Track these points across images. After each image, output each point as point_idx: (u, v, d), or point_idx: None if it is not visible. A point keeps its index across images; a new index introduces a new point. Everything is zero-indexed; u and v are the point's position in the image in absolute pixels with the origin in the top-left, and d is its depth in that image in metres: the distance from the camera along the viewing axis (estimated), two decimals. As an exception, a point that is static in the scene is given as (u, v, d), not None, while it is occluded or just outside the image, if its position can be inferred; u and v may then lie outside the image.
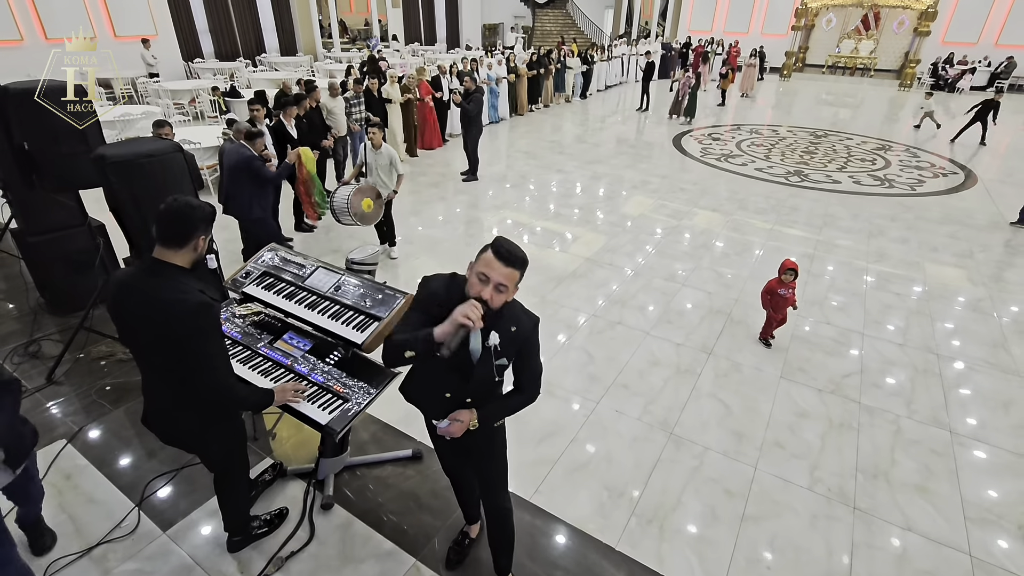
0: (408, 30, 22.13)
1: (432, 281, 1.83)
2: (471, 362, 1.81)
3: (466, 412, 1.89)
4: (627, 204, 7.52)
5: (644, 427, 3.47)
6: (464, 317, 1.59)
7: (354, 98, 7.70)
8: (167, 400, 2.05)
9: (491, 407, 1.95)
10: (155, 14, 13.69)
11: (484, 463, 2.18)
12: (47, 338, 4.19)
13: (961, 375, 4.10)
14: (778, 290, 4.15)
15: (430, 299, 1.78)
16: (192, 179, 3.52)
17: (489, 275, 1.64)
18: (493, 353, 1.76)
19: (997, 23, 18.59)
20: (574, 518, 2.81)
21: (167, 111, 10.52)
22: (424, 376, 1.98)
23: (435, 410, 1.97)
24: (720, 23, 23.21)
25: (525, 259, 1.69)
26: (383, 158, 5.24)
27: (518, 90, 12.48)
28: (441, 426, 1.90)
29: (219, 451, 2.25)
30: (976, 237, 6.67)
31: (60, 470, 3.00)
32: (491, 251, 1.65)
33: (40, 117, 3.51)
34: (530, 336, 1.87)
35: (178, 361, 1.89)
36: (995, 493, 3.07)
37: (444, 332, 1.65)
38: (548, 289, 5.13)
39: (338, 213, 4.72)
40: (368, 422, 3.40)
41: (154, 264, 1.87)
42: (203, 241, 1.93)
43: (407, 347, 1.69)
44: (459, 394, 1.90)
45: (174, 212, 1.85)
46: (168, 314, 1.81)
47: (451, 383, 1.88)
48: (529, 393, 2.00)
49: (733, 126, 12.62)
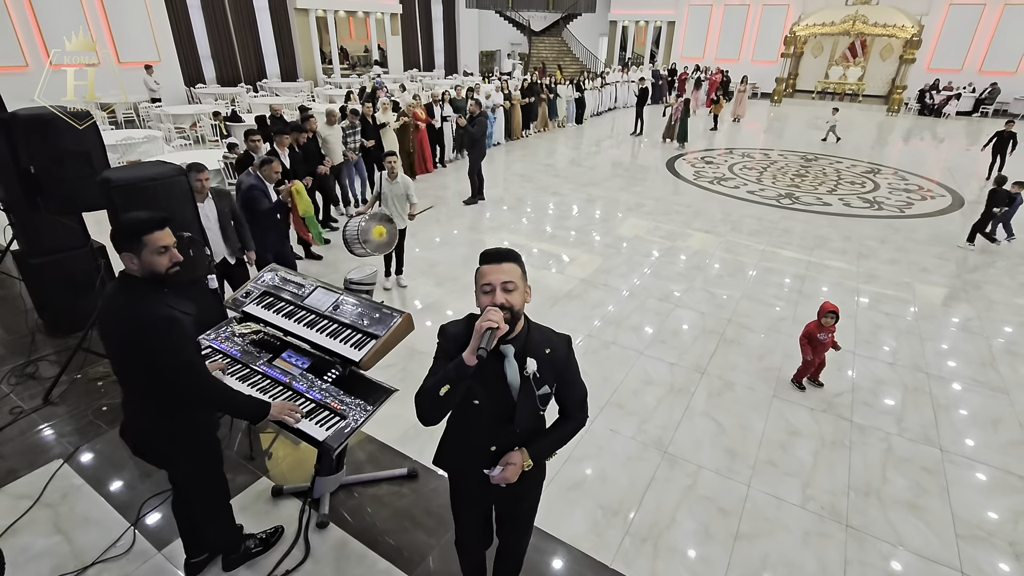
0: (407, 57, 22.59)
1: (449, 327, 1.74)
2: (512, 400, 1.70)
3: (516, 453, 1.75)
4: (622, 226, 7.64)
5: (638, 446, 3.50)
6: (487, 321, 1.51)
7: (349, 127, 7.67)
8: (138, 413, 2.09)
9: (542, 442, 1.82)
10: (159, 40, 14.01)
11: (520, 519, 2.05)
12: (44, 359, 4.21)
13: (951, 393, 4.15)
14: (818, 334, 3.96)
15: (452, 344, 1.68)
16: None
17: (491, 282, 1.59)
18: (534, 382, 1.66)
19: (980, 51, 19.13)
20: (569, 536, 2.82)
21: (168, 135, 10.69)
22: (462, 433, 1.84)
23: (478, 472, 1.79)
24: (712, 51, 23.80)
25: (514, 251, 1.65)
26: (399, 188, 5.18)
27: (512, 116, 12.73)
28: (495, 474, 1.74)
29: (188, 466, 2.21)
30: (964, 258, 6.78)
31: (56, 490, 3.00)
32: (480, 265, 1.63)
33: (47, 141, 3.60)
34: (568, 355, 1.78)
35: (148, 374, 1.91)
36: (986, 510, 3.10)
37: (471, 349, 1.55)
38: (544, 309, 5.19)
39: (350, 243, 4.46)
40: (365, 441, 3.42)
41: (122, 278, 1.92)
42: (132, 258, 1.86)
43: (440, 384, 1.58)
44: (506, 441, 1.77)
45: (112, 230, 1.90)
46: (134, 328, 1.84)
47: (495, 432, 1.75)
48: (579, 419, 1.89)
49: (726, 150, 12.87)
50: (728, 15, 23.15)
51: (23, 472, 3.13)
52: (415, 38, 23.03)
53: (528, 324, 1.72)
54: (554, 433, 1.87)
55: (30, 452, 3.29)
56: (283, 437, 3.46)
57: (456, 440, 1.87)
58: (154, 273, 1.88)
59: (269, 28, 17.59)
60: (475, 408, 1.68)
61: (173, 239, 1.93)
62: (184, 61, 15.09)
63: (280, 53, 18.09)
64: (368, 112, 8.12)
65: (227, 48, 16.51)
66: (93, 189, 3.34)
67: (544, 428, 1.87)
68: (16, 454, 3.27)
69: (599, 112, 17.32)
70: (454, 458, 1.90)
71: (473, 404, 1.69)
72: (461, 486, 1.99)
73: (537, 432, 1.83)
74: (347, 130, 7.63)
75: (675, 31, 24.61)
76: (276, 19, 17.64)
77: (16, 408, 3.67)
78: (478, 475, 1.80)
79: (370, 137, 8.06)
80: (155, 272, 1.88)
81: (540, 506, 2.09)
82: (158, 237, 1.87)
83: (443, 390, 1.57)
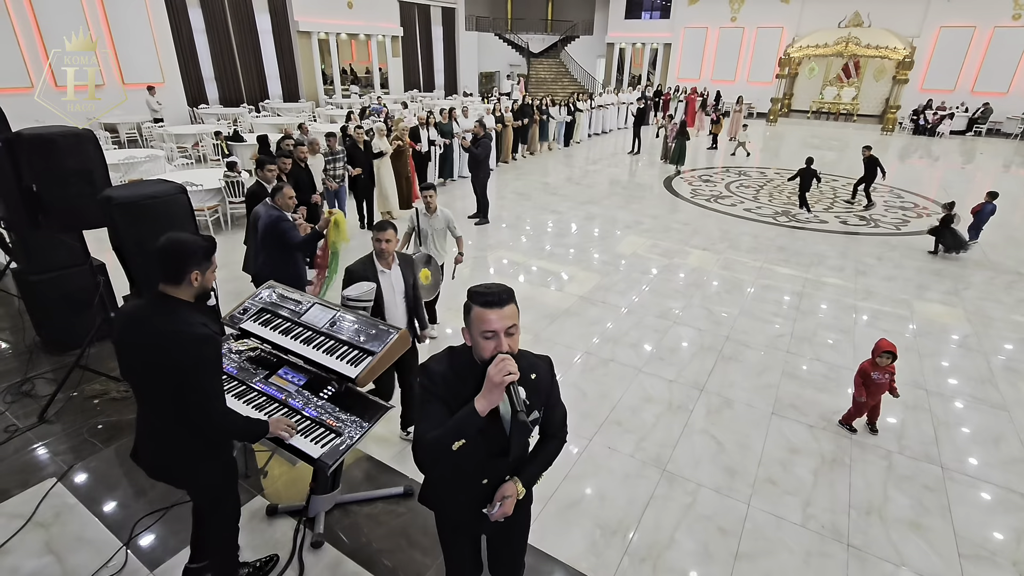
0: (407, 78, 22.93)
1: (432, 366, 1.64)
2: (505, 432, 1.67)
3: (510, 485, 1.73)
4: (620, 243, 7.68)
5: (637, 464, 3.48)
6: (505, 375, 1.45)
7: (330, 155, 7.21)
8: (159, 433, 2.08)
9: (531, 469, 1.80)
10: (163, 62, 14.23)
11: (513, 544, 2.03)
12: (41, 376, 4.20)
13: (951, 410, 4.14)
14: (871, 373, 3.69)
15: (439, 384, 1.60)
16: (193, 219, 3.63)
17: (493, 328, 1.51)
18: (527, 409, 1.58)
19: (972, 71, 19.44)
20: (567, 556, 2.79)
21: (171, 154, 10.80)
22: (458, 473, 1.74)
23: (468, 507, 1.77)
24: (707, 72, 24.17)
25: (508, 290, 1.57)
26: (439, 222, 4.69)
27: (504, 139, 12.77)
28: (495, 512, 1.70)
29: (208, 485, 2.23)
30: (961, 275, 6.81)
31: (49, 509, 2.97)
32: (476, 307, 1.53)
33: (50, 160, 3.64)
34: (551, 378, 1.78)
35: (175, 393, 1.92)
36: (989, 529, 3.07)
37: (490, 400, 1.48)
38: (542, 327, 5.19)
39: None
40: (361, 459, 3.39)
41: (158, 298, 1.96)
42: (199, 275, 1.98)
43: (453, 438, 1.48)
44: (497, 472, 1.74)
45: (166, 250, 1.94)
46: (170, 345, 1.87)
47: (486, 466, 1.71)
48: (561, 437, 1.90)
49: (723, 168, 12.98)
50: (723, 37, 23.56)
51: (16, 491, 3.09)
52: (416, 59, 23.40)
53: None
54: (540, 456, 1.86)
55: (24, 471, 3.26)
56: (278, 455, 3.43)
57: (444, 479, 1.80)
58: (205, 291, 2.04)
59: (272, 50, 17.89)
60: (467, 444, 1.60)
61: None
62: (188, 82, 15.31)
63: (282, 74, 18.36)
64: (360, 138, 7.63)
65: (230, 70, 16.76)
66: (94, 207, 3.37)
67: (528, 452, 1.85)
68: (10, 473, 3.24)
69: (596, 133, 17.41)
70: (443, 496, 1.85)
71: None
72: (450, 521, 1.93)
73: (524, 458, 1.81)
74: (327, 156, 7.22)
75: (671, 53, 25.02)
76: (279, 42, 17.95)
77: (11, 426, 3.64)
78: (469, 509, 1.77)
79: (357, 164, 7.51)
80: (207, 290, 2.04)
81: (538, 525, 2.08)
82: (215, 259, 2.07)
83: (456, 445, 1.48)
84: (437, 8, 23.81)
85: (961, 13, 18.96)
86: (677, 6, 24.19)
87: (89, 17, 12.46)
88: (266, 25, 17.51)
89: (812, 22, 21.36)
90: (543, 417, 1.79)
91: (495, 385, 1.46)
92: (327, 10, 18.83)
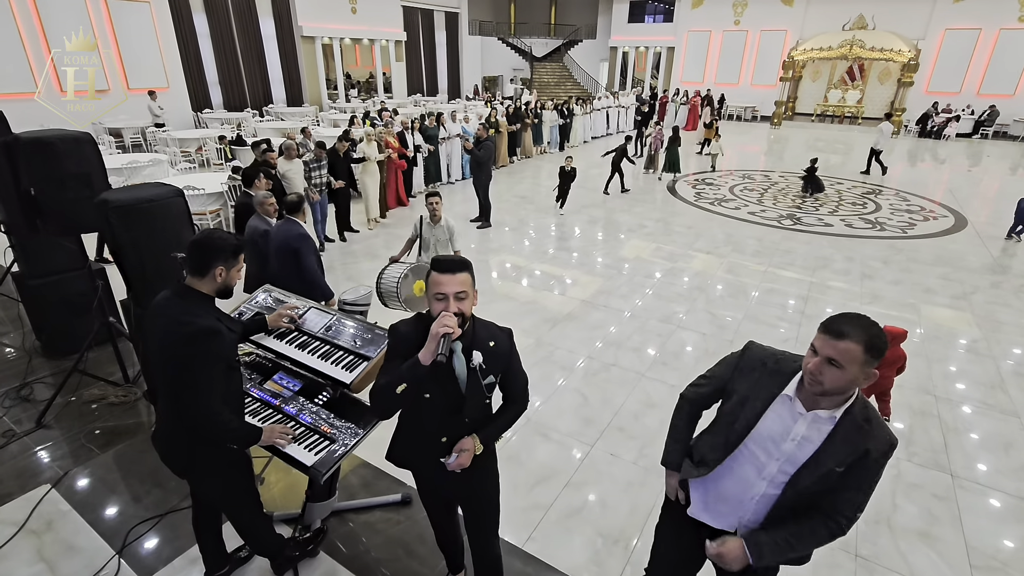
0: (411, 82, 22.99)
1: (400, 326, 1.85)
2: (460, 392, 1.83)
3: (468, 439, 1.89)
4: (623, 247, 7.62)
5: (639, 471, 3.41)
6: (442, 327, 1.64)
7: (314, 161, 6.90)
8: (167, 420, 2.12)
9: (489, 427, 1.97)
10: (168, 67, 14.31)
11: (480, 504, 2.14)
12: (40, 381, 4.18)
13: (960, 417, 4.06)
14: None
15: (403, 344, 1.79)
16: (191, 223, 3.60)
17: (444, 291, 1.69)
18: (480, 373, 1.79)
19: (978, 74, 19.31)
20: (568, 566, 2.73)
21: (174, 158, 10.82)
22: (414, 428, 1.96)
23: (431, 462, 1.93)
24: (711, 75, 24.12)
25: (465, 261, 1.75)
26: (442, 232, 4.62)
27: (498, 144, 12.67)
28: (451, 461, 1.87)
29: (213, 483, 2.21)
30: (969, 279, 6.72)
31: (41, 516, 2.93)
32: (434, 272, 1.72)
33: (49, 163, 3.63)
34: (510, 347, 1.93)
35: (176, 382, 1.95)
36: (1000, 539, 2.99)
37: (428, 351, 1.66)
38: (544, 331, 5.14)
39: (385, 297, 3.93)
40: (358, 466, 3.35)
41: (181, 289, 2.02)
42: (223, 271, 2.03)
43: (396, 383, 1.70)
44: (456, 431, 1.89)
45: (196, 242, 2.02)
46: (177, 333, 1.91)
47: (446, 423, 1.88)
48: (521, 403, 2.05)
49: (726, 171, 12.92)
50: (727, 40, 23.51)
51: (12, 497, 3.06)
52: (419, 64, 23.46)
53: (473, 320, 1.84)
54: (500, 418, 2.01)
55: (20, 476, 3.23)
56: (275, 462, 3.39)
57: (407, 435, 1.98)
58: (228, 288, 2.09)
59: (276, 56, 17.97)
60: (426, 401, 1.80)
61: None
62: (192, 87, 15.39)
63: (286, 79, 18.43)
64: (341, 149, 7.37)
65: (234, 75, 16.83)
66: (92, 211, 3.35)
67: (490, 415, 2.00)
68: (7, 478, 3.21)
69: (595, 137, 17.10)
70: (406, 452, 2.00)
71: (424, 398, 1.80)
72: (421, 481, 2.13)
73: (484, 420, 1.96)
74: (310, 164, 6.89)
75: (675, 56, 25.00)
76: (283, 47, 18.03)
77: (9, 431, 3.62)
78: (431, 465, 1.93)
79: (341, 176, 7.29)
80: (230, 286, 2.09)
81: (539, 533, 2.05)
82: (242, 258, 2.13)
83: (399, 388, 1.70)
84: (440, 13, 23.89)
85: (966, 15, 18.86)
86: (680, 9, 24.17)
87: (95, 22, 12.55)
88: (270, 30, 17.60)
89: (816, 25, 21.29)
90: (506, 384, 1.98)
91: (433, 337, 1.65)
92: (331, 15, 18.91)
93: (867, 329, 1.45)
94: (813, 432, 1.58)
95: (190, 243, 2.03)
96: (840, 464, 1.54)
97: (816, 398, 1.54)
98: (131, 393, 4.02)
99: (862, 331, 1.44)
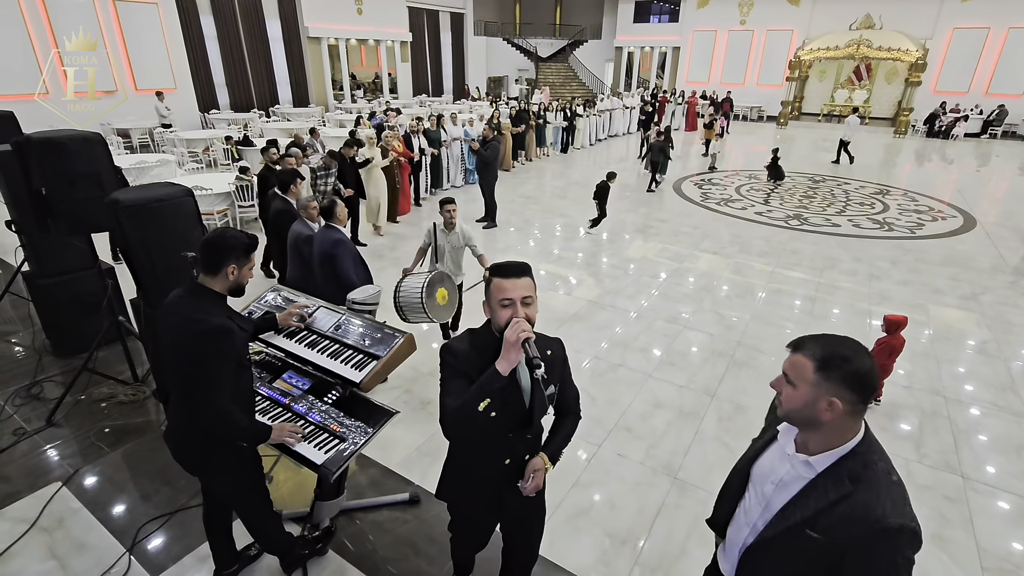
0: (416, 83, 23.03)
1: (454, 345, 1.74)
2: (524, 406, 1.75)
3: (537, 459, 1.84)
4: (629, 247, 7.61)
5: (647, 471, 3.41)
6: (520, 332, 1.54)
7: (322, 169, 6.75)
8: (178, 417, 2.14)
9: (553, 444, 1.91)
10: (175, 69, 14.39)
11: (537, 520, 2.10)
12: (49, 380, 4.21)
13: (970, 418, 4.03)
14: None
15: (462, 362, 1.69)
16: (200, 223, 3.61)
17: (510, 296, 1.61)
18: (543, 383, 1.71)
19: (986, 73, 19.19)
20: (575, 566, 2.73)
21: (182, 159, 10.88)
22: (469, 456, 1.88)
23: (490, 492, 1.86)
24: (717, 75, 24.06)
25: (526, 265, 1.67)
26: (457, 239, 4.54)
27: (503, 146, 12.57)
28: (527, 486, 1.81)
29: (224, 481, 2.23)
30: (978, 279, 6.67)
31: (52, 514, 2.95)
32: (496, 278, 1.64)
33: (59, 163, 3.65)
34: (564, 356, 1.90)
35: (188, 379, 1.97)
36: (1012, 541, 2.97)
37: (509, 360, 1.57)
38: (550, 331, 5.09)
39: (406, 311, 3.74)
40: (367, 465, 3.35)
41: (194, 287, 2.04)
42: (235, 269, 2.05)
43: (478, 399, 1.57)
44: (518, 451, 1.84)
45: (209, 240, 2.03)
46: (189, 331, 1.93)
47: (508, 444, 1.80)
48: (576, 413, 2.00)
49: (732, 171, 12.87)
50: (732, 40, 23.45)
51: (23, 495, 3.09)
52: (424, 65, 23.50)
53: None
54: (561, 432, 1.96)
55: (31, 474, 3.26)
56: (284, 460, 3.40)
57: (464, 464, 1.91)
58: (241, 286, 2.10)
59: (282, 57, 18.04)
60: (492, 421, 1.63)
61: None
62: (199, 88, 15.47)
63: (292, 80, 18.51)
64: (348, 155, 7.13)
65: (241, 76, 16.91)
66: (102, 210, 3.37)
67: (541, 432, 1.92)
68: (17, 476, 3.24)
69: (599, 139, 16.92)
70: (461, 486, 1.93)
71: (491, 417, 1.62)
72: (468, 513, 2.04)
73: (541, 436, 1.90)
74: (318, 172, 6.73)
75: (680, 56, 24.94)
76: (289, 48, 18.10)
77: (19, 429, 3.64)
78: (489, 495, 1.88)
79: (350, 183, 7.08)
80: (242, 285, 2.10)
81: (546, 533, 2.07)
82: (254, 257, 2.13)
83: (482, 404, 1.57)
84: (446, 13, 23.92)
85: (975, 14, 18.74)
86: (686, 9, 24.13)
87: (103, 24, 12.63)
88: (276, 31, 17.67)
89: (823, 24, 21.20)
90: (559, 395, 1.89)
91: (511, 344, 1.55)
92: (337, 16, 18.97)
93: (827, 346, 1.26)
94: (794, 478, 1.36)
95: (203, 242, 2.04)
96: (811, 526, 1.29)
97: (806, 439, 1.35)
98: (140, 392, 4.05)
99: (819, 347, 1.27)
